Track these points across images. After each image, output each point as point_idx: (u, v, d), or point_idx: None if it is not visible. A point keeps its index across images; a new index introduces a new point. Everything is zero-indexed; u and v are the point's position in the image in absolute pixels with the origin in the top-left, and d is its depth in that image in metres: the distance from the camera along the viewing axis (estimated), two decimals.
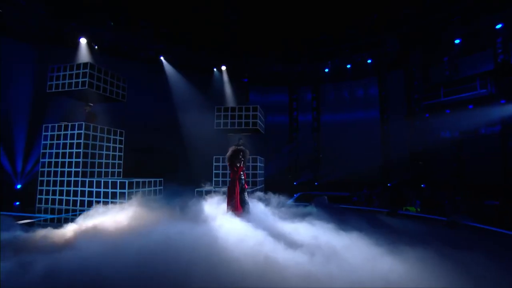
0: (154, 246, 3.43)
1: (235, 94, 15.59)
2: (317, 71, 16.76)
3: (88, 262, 2.91)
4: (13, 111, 10.33)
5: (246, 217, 5.39)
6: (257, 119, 10.45)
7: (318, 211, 7.15)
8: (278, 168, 16.37)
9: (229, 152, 5.79)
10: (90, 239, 3.72)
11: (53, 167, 8.41)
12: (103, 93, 8.93)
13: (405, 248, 3.62)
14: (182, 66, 14.22)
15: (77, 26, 11.83)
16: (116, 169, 9.50)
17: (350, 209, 8.82)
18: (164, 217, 4.90)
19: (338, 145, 16.34)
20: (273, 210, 6.28)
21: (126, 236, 3.87)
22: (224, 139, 11.87)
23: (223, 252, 3.40)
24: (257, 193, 8.11)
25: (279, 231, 4.30)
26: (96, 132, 8.74)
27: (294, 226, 4.84)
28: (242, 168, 5.72)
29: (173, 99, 13.49)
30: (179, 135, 12.92)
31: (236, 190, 5.61)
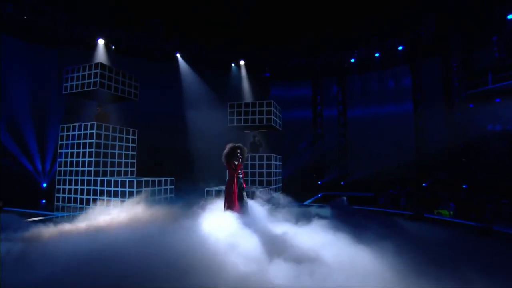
0: (121, 245, 3.58)
1: (254, 90, 15.60)
2: (342, 61, 16.24)
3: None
4: (40, 112, 11.23)
5: (243, 217, 5.37)
6: (272, 115, 10.37)
7: (331, 213, 6.94)
8: (300, 167, 16.16)
9: (226, 149, 5.82)
10: (67, 237, 3.98)
11: (68, 167, 9.04)
12: (114, 92, 9.41)
13: (420, 268, 3.11)
14: (198, 63, 14.52)
15: (96, 28, 12.56)
16: (129, 168, 9.96)
17: (371, 212, 8.37)
18: (154, 217, 5.05)
19: (366, 141, 15.73)
20: (274, 211, 6.18)
21: (101, 234, 4.07)
22: (240, 137, 11.92)
23: (191, 256, 3.41)
24: (257, 192, 8.07)
25: (268, 235, 4.18)
26: (108, 132, 9.23)
27: (286, 229, 4.68)
28: (240, 166, 5.72)
29: (189, 96, 13.83)
30: (194, 133, 13.23)
31: (234, 189, 5.63)
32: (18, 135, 11.04)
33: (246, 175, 10.38)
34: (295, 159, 16.22)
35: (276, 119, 11.05)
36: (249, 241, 3.85)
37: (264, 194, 8.43)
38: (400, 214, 8.04)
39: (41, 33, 11.76)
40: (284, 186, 15.30)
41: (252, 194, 7.97)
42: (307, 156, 16.50)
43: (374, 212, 8.28)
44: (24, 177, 10.57)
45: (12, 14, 11.01)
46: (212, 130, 12.62)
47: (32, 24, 11.46)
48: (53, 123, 11.10)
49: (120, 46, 13.21)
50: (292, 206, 7.34)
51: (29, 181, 10.83)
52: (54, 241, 4.09)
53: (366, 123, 16.08)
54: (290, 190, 14.67)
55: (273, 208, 6.43)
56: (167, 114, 13.26)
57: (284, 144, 15.67)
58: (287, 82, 16.80)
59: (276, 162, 10.98)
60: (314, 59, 16.29)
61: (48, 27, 11.76)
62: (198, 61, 14.60)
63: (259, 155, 10.44)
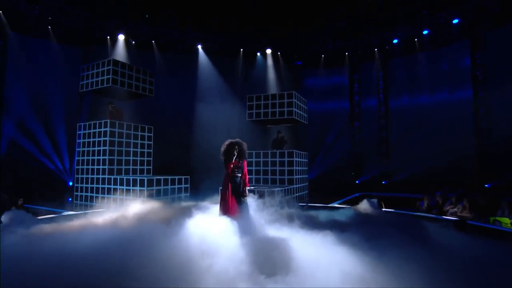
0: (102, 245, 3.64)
1: (284, 81, 15.25)
2: (383, 43, 15.16)
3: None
4: (67, 110, 12.13)
5: (240, 220, 5.18)
6: (293, 107, 10.00)
7: (351, 217, 6.45)
8: (335, 164, 15.49)
9: (223, 146, 5.66)
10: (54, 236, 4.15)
11: (85, 165, 9.60)
12: (128, 89, 9.76)
13: None
14: (221, 54, 14.56)
15: (116, 24, 13.18)
16: (145, 167, 10.31)
17: (407, 216, 7.55)
18: (148, 217, 5.09)
19: (412, 135, 14.53)
20: (276, 213, 5.90)
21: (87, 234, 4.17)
22: (263, 133, 11.81)
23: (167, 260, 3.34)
24: (265, 192, 7.80)
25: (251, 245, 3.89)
26: (122, 129, 9.62)
27: (283, 233, 4.40)
28: (236, 163, 5.52)
29: (209, 91, 13.94)
30: (215, 129, 13.32)
31: (229, 190, 5.46)
32: (48, 134, 12.02)
33: (265, 173, 10.16)
34: (329, 156, 15.58)
35: (300, 112, 10.64)
36: (226, 251, 3.64)
37: (276, 194, 8.15)
38: (444, 220, 7.18)
39: (65, 32, 12.63)
40: (316, 185, 14.87)
41: (261, 194, 7.75)
42: (343, 153, 15.74)
43: (411, 217, 7.45)
44: (51, 176, 11.49)
45: (38, 16, 11.97)
46: (233, 125, 12.61)
47: (56, 24, 12.37)
48: (80, 121, 11.90)
49: (141, 40, 13.71)
50: (302, 208, 6.97)
51: (56, 179, 11.74)
52: (41, 239, 4.28)
53: (412, 113, 14.84)
54: (323, 189, 14.30)
55: (276, 210, 6.13)
56: (185, 110, 13.52)
57: (316, 139, 15.13)
58: (321, 71, 16.12)
59: (300, 159, 10.59)
60: (350, 42, 15.44)
61: (71, 26, 12.60)
62: (221, 52, 14.65)
63: (280, 151, 10.14)
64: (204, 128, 13.08)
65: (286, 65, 15.45)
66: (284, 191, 8.70)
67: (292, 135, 13.45)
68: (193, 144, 12.58)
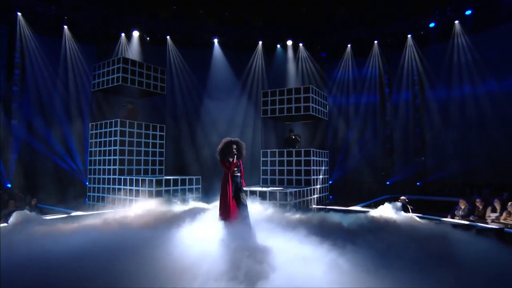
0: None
1: (306, 73, 15.07)
2: (417, 28, 14.45)
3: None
4: (77, 110, 12.82)
5: (239, 224, 5.23)
6: (310, 102, 9.88)
7: (368, 224, 6.25)
8: (363, 163, 15.07)
9: (221, 144, 5.72)
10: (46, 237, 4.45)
11: (97, 165, 10.10)
12: (139, 87, 10.12)
13: None
14: (238, 48, 14.63)
15: (131, 20, 13.68)
16: (157, 167, 10.66)
17: (436, 224, 7.03)
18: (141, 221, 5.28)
19: (452, 130, 13.78)
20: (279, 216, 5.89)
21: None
22: (281, 130, 11.74)
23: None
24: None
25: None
26: (133, 129, 10.00)
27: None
28: (236, 163, 5.56)
29: (225, 86, 14.08)
30: (231, 127, 13.46)
31: (229, 190, 5.51)
32: (65, 134, 12.75)
33: (280, 173, 10.13)
34: (356, 154, 15.17)
35: (319, 107, 10.49)
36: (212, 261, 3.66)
37: (287, 196, 8.12)
38: (483, 229, 6.70)
39: (81, 31, 13.30)
40: (341, 186, 14.59)
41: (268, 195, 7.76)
42: (373, 151, 15.25)
43: (442, 225, 6.96)
44: (69, 176, 12.18)
45: (54, 15, 12.70)
46: (248, 123, 12.68)
47: (72, 23, 13.06)
48: (93, 121, 12.52)
49: (156, 35, 14.11)
50: (312, 211, 6.87)
51: (74, 180, 12.42)
52: (33, 240, 4.59)
53: (451, 106, 14.05)
54: (349, 191, 13.98)
55: (279, 212, 6.12)
56: (199, 107, 13.74)
57: (342, 136, 14.78)
58: (347, 62, 15.69)
59: (319, 158, 10.45)
60: (380, 29, 14.89)
61: (86, 24, 13.25)
62: (238, 46, 14.72)
63: (295, 150, 10.07)
64: (219, 126, 13.25)
65: (309, 57, 15.22)
66: (297, 193, 8.62)
67: (311, 133, 13.29)
68: (207, 143, 12.79)
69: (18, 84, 12.22)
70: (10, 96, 11.96)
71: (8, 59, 12.03)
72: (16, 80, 12.15)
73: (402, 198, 9.17)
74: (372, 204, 11.01)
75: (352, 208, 9.28)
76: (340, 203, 11.25)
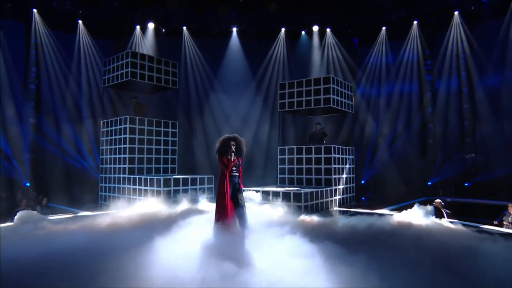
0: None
1: (335, 62, 14.86)
2: (467, 3, 13.70)
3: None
4: (92, 108, 13.64)
5: (238, 228, 5.36)
6: (331, 93, 9.78)
7: (380, 228, 6.12)
8: (401, 161, 14.61)
9: (218, 141, 5.87)
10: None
11: (107, 164, 10.71)
12: (149, 82, 10.56)
13: None
14: (259, 36, 14.74)
15: (147, 11, 14.28)
16: (169, 165, 11.08)
17: (476, 233, 6.57)
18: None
19: (507, 123, 12.97)
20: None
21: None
22: (303, 125, 11.72)
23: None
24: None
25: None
26: (143, 126, 10.46)
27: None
28: (234, 161, 5.68)
29: (244, 79, 14.25)
30: (248, 122, 13.64)
31: (226, 190, 5.65)
32: (82, 132, 13.63)
33: (299, 172, 10.14)
34: (392, 151, 14.73)
35: (341, 99, 10.36)
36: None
37: (301, 197, 8.16)
38: None
39: (95, 25, 14.12)
40: (376, 186, 14.26)
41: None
42: (412, 147, 14.72)
43: (482, 234, 6.52)
44: (84, 175, 13.03)
45: (69, 11, 13.57)
46: (265, 117, 12.77)
47: (87, 17, 13.89)
48: (104, 118, 13.26)
49: (171, 26, 14.59)
50: (330, 214, 6.86)
51: (90, 179, 13.25)
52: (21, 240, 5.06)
53: (506, 95, 13.20)
54: (384, 192, 13.62)
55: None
56: (215, 102, 14.02)
57: (375, 131, 14.41)
58: (382, 47, 15.23)
59: (342, 156, 10.33)
60: (420, 7, 14.31)
61: (101, 18, 14.04)
62: (258, 34, 14.82)
63: (315, 147, 10.02)
64: (233, 122, 13.48)
65: (337, 43, 14.98)
66: (314, 194, 8.61)
67: (336, 127, 13.12)
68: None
69: (36, 82, 13.24)
70: (27, 95, 13.01)
71: (26, 57, 13.07)
72: (33, 78, 13.17)
73: (437, 201, 8.88)
74: (405, 207, 10.71)
75: (378, 211, 9.10)
76: (373, 205, 11.05)
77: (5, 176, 11.38)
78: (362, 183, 14.76)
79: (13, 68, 12.26)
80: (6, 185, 11.30)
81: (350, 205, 10.57)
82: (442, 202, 9.01)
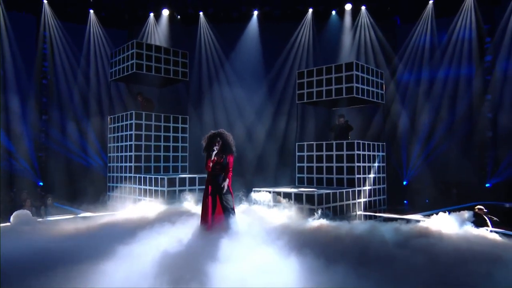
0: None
1: (372, 44, 14.48)
2: None
3: None
4: (106, 103, 14.37)
5: (221, 234, 5.47)
6: (354, 82, 9.57)
7: (397, 237, 5.97)
8: (452, 159, 13.94)
9: (204, 139, 6.04)
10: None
11: (114, 162, 11.28)
12: (156, 74, 10.93)
13: None
14: (282, 19, 14.68)
15: None
16: (179, 164, 11.43)
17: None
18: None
19: None
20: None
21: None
22: (320, 118, 11.58)
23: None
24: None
25: None
26: (150, 121, 10.87)
27: None
28: (215, 160, 5.82)
29: (264, 67, 14.27)
30: (263, 115, 13.68)
31: (207, 191, 5.81)
32: (97, 129, 14.42)
33: (319, 171, 10.07)
34: (442, 146, 14.08)
35: (369, 88, 10.11)
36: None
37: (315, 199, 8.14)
38: None
39: (108, 14, 14.82)
40: (421, 188, 13.71)
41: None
42: (466, 142, 13.96)
43: None
44: (95, 174, 13.81)
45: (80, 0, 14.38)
46: (283, 110, 12.74)
47: (98, 7, 14.62)
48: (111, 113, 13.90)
49: (187, 12, 14.94)
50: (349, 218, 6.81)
51: (100, 177, 14.01)
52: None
53: None
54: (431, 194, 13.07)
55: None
56: (227, 94, 14.18)
57: (418, 123, 13.85)
58: (428, 25, 14.53)
59: (369, 152, 10.10)
60: None
61: (113, 6, 14.70)
62: (282, 17, 14.75)
63: (336, 142, 9.89)
64: (252, 114, 13.58)
65: (373, 23, 14.53)
66: (331, 195, 8.53)
67: (366, 120, 12.79)
68: (238, 135, 13.24)
69: (48, 77, 14.20)
70: (40, 90, 13.99)
71: (37, 50, 14.02)
72: (45, 72, 14.13)
73: (478, 207, 8.49)
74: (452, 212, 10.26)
75: (409, 216, 8.84)
76: (411, 210, 10.71)
77: (14, 175, 12.36)
78: (404, 185, 14.30)
79: (23, 62, 13.17)
80: (16, 184, 12.30)
81: (380, 209, 10.32)
82: (485, 209, 8.59)
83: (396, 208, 10.43)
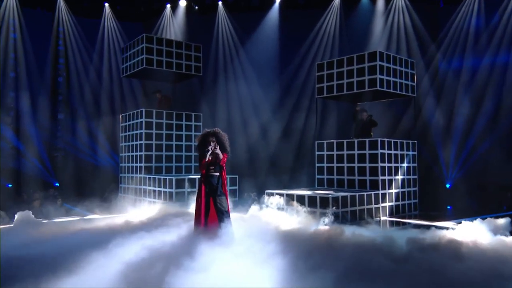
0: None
1: (408, 31, 14.03)
2: None
3: None
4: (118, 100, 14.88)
5: (213, 238, 5.55)
6: (377, 73, 9.36)
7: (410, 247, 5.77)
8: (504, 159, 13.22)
9: (197, 139, 6.14)
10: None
11: (126, 162, 11.65)
12: (167, 69, 11.17)
13: None
14: (307, 5, 14.55)
15: None
16: (192, 164, 11.63)
17: None
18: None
19: None
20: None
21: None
22: (342, 114, 11.38)
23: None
24: None
25: None
26: (161, 119, 11.12)
27: None
28: (210, 160, 5.89)
29: (285, 59, 14.21)
30: (280, 111, 13.60)
31: (202, 194, 5.90)
32: (102, 127, 14.91)
33: (340, 172, 9.93)
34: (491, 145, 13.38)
35: (395, 79, 9.84)
36: None
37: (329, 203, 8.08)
38: None
39: (123, 7, 15.31)
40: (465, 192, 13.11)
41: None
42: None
43: None
44: (109, 174, 14.33)
45: None
46: (302, 105, 12.63)
47: (116, 0, 15.15)
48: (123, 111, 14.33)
49: (205, 2, 15.14)
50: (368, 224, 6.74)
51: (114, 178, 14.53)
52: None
53: None
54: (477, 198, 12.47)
55: None
56: (243, 89, 14.20)
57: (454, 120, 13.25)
58: (470, 7, 13.81)
59: (396, 151, 9.84)
60: None
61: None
62: (306, 4, 14.61)
63: (358, 141, 9.72)
64: (267, 111, 13.55)
65: (412, 5, 14.04)
66: (349, 199, 8.41)
67: (395, 115, 12.42)
68: (245, 135, 13.31)
69: (63, 74, 14.87)
70: (55, 88, 14.67)
71: (53, 47, 14.70)
72: (61, 70, 14.80)
73: None
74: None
75: (440, 223, 8.53)
76: (459, 216, 10.22)
77: (30, 176, 13.07)
78: (447, 188, 13.76)
79: (36, 60, 13.85)
80: (32, 185, 12.98)
81: (410, 214, 10.02)
82: None
83: (429, 214, 10.04)
